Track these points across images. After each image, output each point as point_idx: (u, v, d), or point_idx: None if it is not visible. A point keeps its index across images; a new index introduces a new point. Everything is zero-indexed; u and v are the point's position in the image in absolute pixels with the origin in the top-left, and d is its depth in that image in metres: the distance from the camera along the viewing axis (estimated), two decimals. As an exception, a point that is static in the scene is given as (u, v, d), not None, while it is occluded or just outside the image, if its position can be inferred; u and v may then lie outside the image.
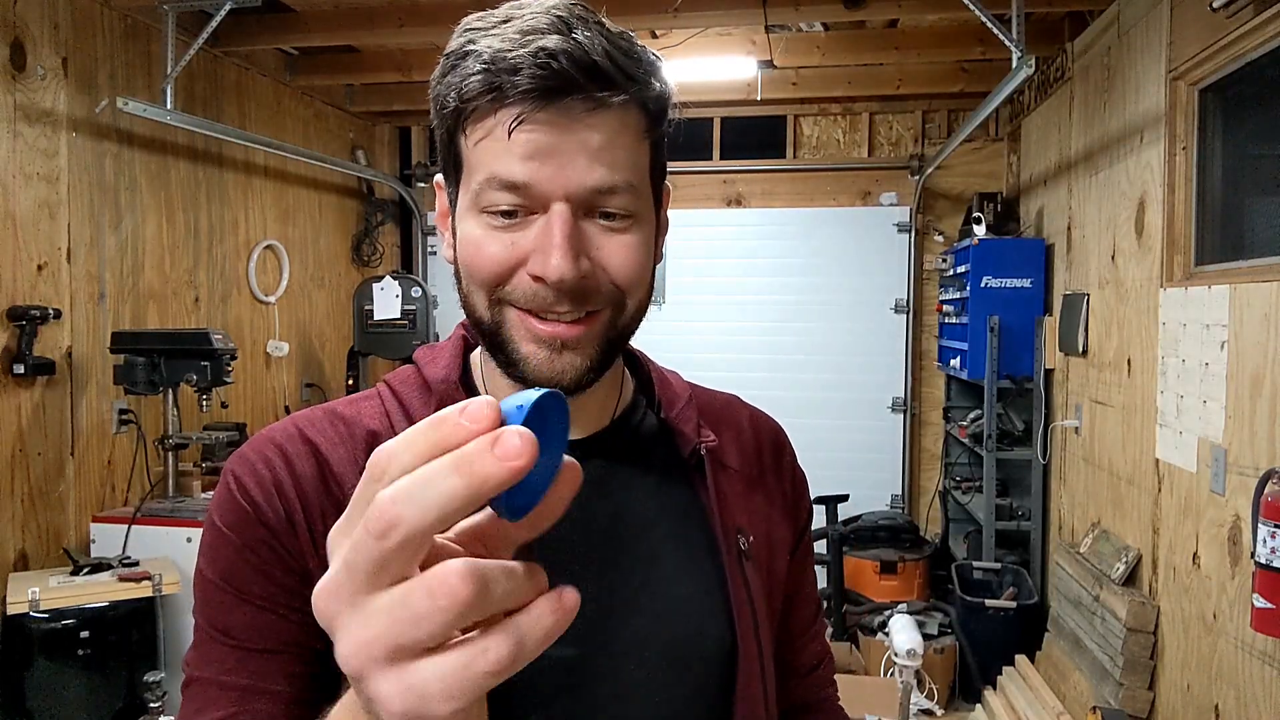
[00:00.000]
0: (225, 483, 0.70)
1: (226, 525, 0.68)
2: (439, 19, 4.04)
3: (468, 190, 0.67)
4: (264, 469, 0.69)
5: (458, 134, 0.67)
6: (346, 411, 0.75)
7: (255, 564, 0.67)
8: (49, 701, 2.90)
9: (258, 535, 0.67)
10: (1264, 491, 2.07)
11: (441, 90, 0.66)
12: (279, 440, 0.71)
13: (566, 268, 0.64)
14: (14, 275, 3.19)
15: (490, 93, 0.62)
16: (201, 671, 0.67)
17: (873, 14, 3.85)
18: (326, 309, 5.33)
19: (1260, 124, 2.67)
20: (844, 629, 4.45)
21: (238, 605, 0.66)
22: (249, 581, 0.66)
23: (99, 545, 3.38)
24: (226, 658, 0.66)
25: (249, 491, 0.68)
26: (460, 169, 0.68)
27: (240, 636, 0.66)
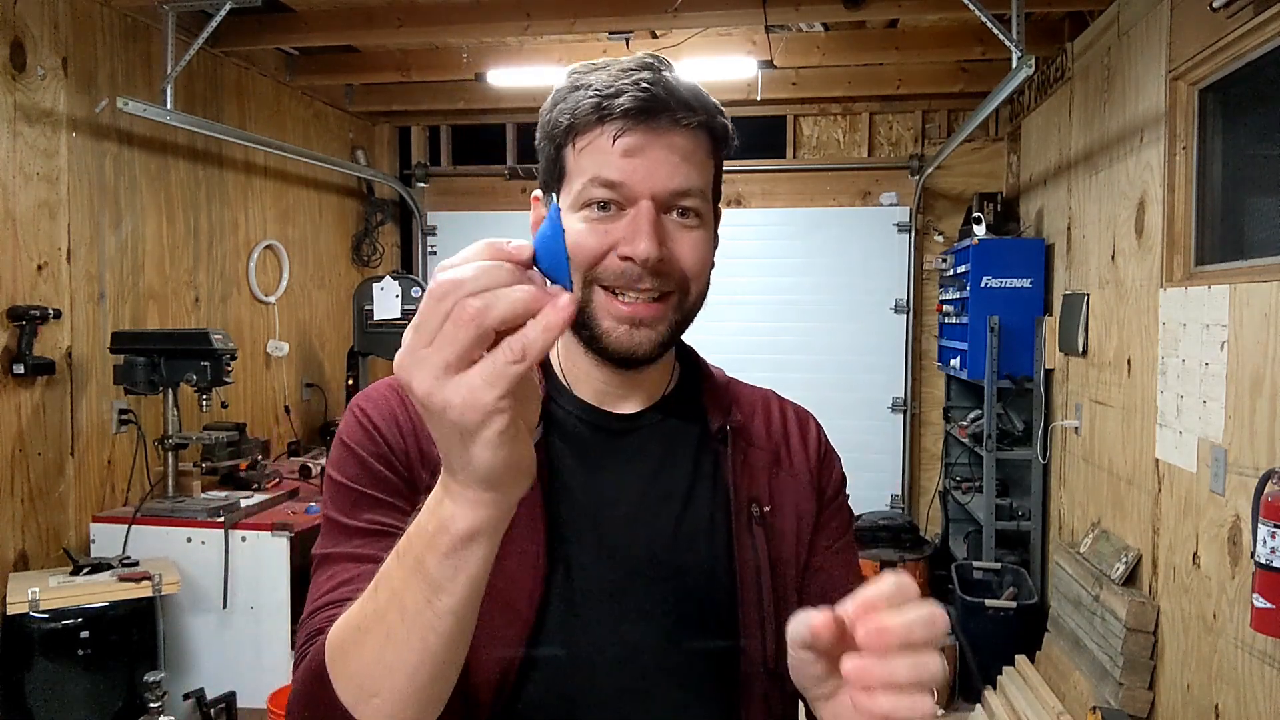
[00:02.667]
0: (353, 413, 0.87)
1: (355, 443, 0.85)
2: (439, 19, 4.04)
3: (569, 193, 0.83)
4: (384, 404, 0.87)
5: (565, 148, 0.83)
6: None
7: (375, 471, 0.83)
8: (49, 701, 2.90)
9: (379, 451, 0.84)
10: (1264, 491, 2.07)
11: (554, 116, 0.84)
12: (394, 384, 0.87)
13: (652, 249, 0.79)
14: (14, 275, 3.18)
15: (598, 112, 0.80)
16: (332, 549, 0.82)
17: (873, 14, 3.85)
18: (326, 309, 5.33)
19: (1260, 124, 2.67)
20: (844, 629, 4.45)
21: (362, 499, 0.83)
22: (371, 484, 0.83)
23: (99, 545, 3.38)
24: (353, 536, 0.81)
25: (373, 419, 0.86)
26: (563, 177, 0.84)
27: (364, 521, 0.82)
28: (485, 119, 5.81)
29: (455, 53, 4.72)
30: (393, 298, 4.90)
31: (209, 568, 3.36)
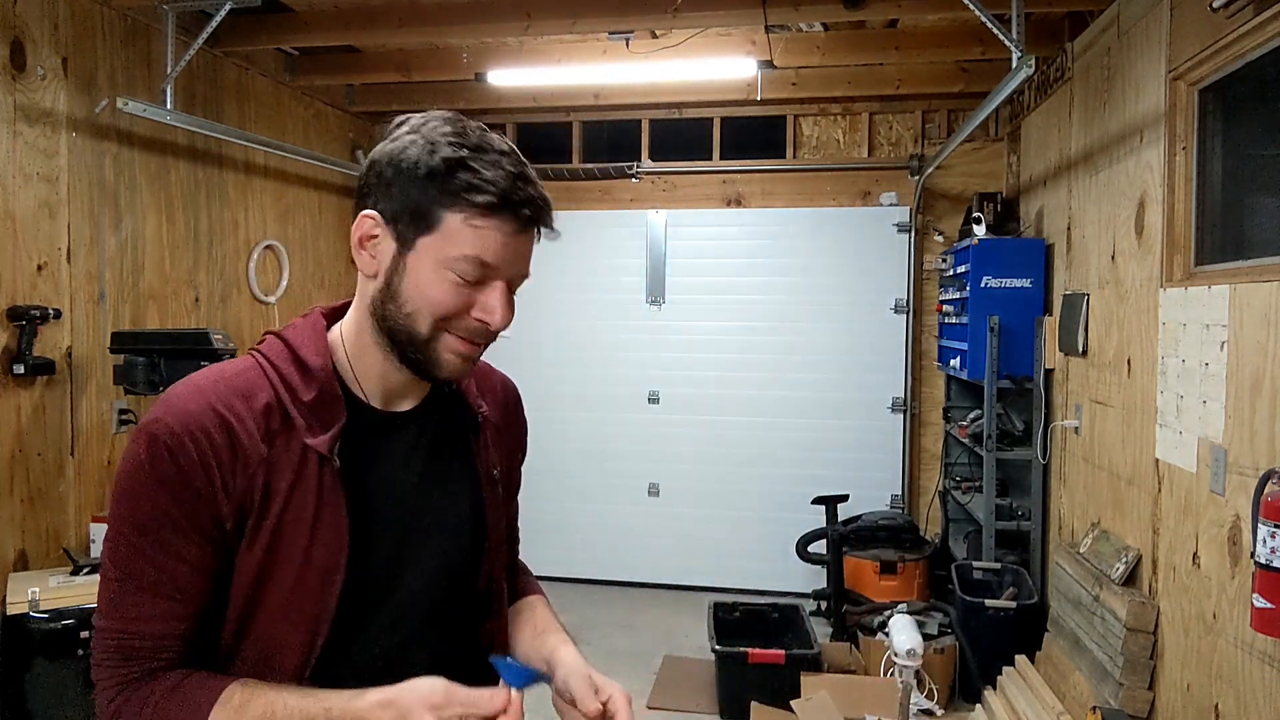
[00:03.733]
0: (153, 449, 0.94)
1: (157, 482, 0.95)
2: (439, 19, 4.04)
3: (438, 248, 0.98)
4: (189, 442, 0.95)
5: (448, 208, 0.97)
6: (241, 386, 1.00)
7: (178, 515, 0.95)
8: (49, 701, 2.90)
9: (184, 494, 0.95)
10: (1264, 491, 2.07)
11: (443, 172, 0.96)
12: (198, 417, 0.96)
13: (507, 320, 1.03)
14: (14, 275, 3.19)
15: (498, 210, 0.97)
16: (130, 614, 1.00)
17: (873, 14, 3.86)
18: (326, 309, 5.34)
19: (1260, 124, 2.66)
20: (844, 629, 4.45)
21: (157, 551, 0.97)
22: (172, 530, 0.96)
23: (99, 545, 3.38)
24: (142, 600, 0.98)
25: (178, 459, 0.95)
26: (431, 229, 0.98)
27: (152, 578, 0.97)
28: (485, 119, 5.73)
29: (455, 53, 4.72)
30: (393, 298, 4.91)
31: (209, 568, 3.36)
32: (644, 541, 5.64)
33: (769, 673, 3.72)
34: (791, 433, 5.47)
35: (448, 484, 1.13)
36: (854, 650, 4.03)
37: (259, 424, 0.98)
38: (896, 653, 3.71)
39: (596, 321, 5.59)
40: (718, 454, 5.57)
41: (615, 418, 5.68)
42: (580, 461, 5.70)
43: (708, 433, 5.57)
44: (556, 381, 5.56)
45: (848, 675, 3.82)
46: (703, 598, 5.00)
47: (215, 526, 0.97)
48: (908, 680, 3.68)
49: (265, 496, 0.97)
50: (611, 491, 5.69)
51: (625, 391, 5.65)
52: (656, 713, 3.93)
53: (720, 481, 5.56)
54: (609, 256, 5.62)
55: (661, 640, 4.78)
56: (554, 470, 5.69)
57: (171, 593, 0.97)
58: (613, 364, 5.64)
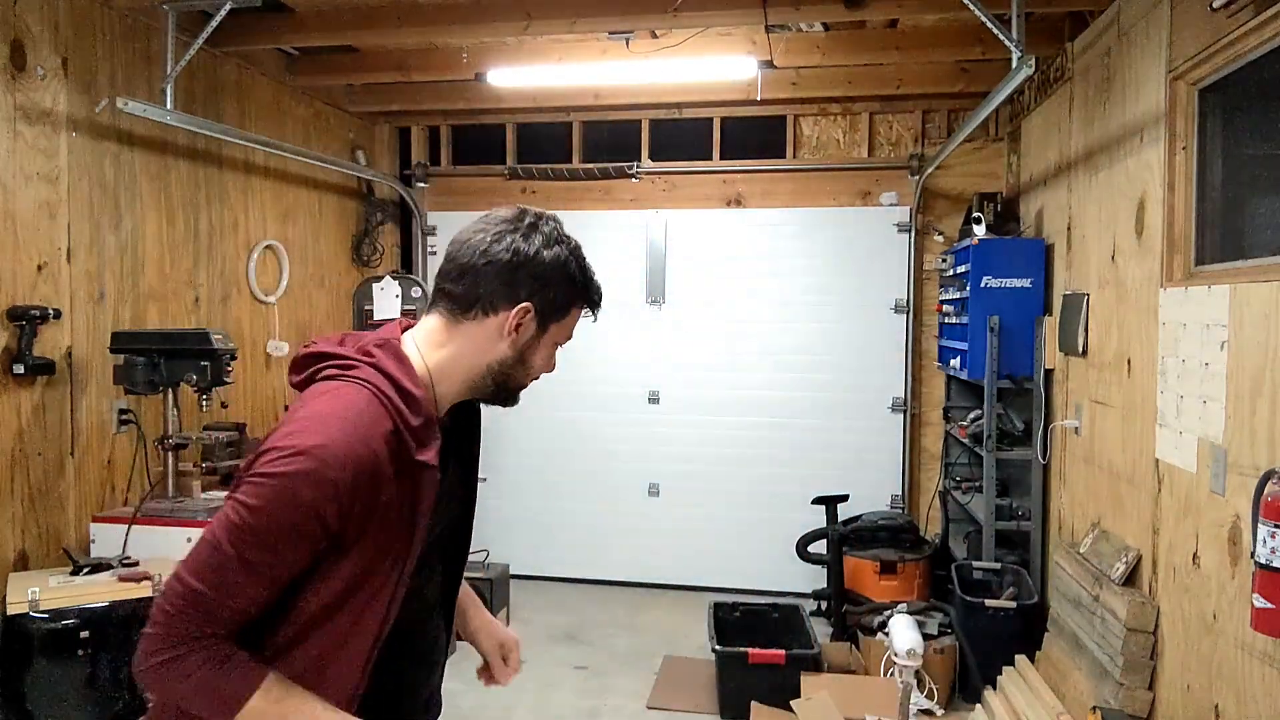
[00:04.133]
0: (312, 475, 1.12)
1: (304, 502, 1.13)
2: (439, 19, 4.04)
3: (558, 332, 1.37)
4: (343, 475, 1.14)
5: (577, 302, 1.37)
6: (374, 419, 1.19)
7: (309, 527, 1.14)
8: (49, 701, 2.90)
9: (321, 509, 1.14)
10: (1264, 491, 2.07)
11: (583, 287, 1.37)
12: (355, 454, 1.15)
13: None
14: (14, 275, 3.19)
15: (592, 306, 1.40)
16: (228, 596, 1.15)
17: (873, 14, 3.86)
18: (326, 309, 5.34)
19: (1260, 124, 2.66)
20: (844, 629, 4.45)
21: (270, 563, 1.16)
22: (295, 539, 1.15)
23: (99, 545, 3.38)
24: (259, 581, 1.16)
25: (327, 489, 1.13)
26: (563, 317, 1.36)
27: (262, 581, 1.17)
28: (485, 119, 5.81)
29: (455, 53, 4.72)
30: (392, 297, 4.91)
31: (209, 568, 3.36)
32: (644, 541, 5.64)
33: (769, 673, 3.72)
34: (791, 433, 5.47)
35: (461, 468, 1.45)
36: (854, 650, 4.03)
37: (391, 453, 1.19)
38: (896, 653, 3.71)
39: (596, 321, 5.58)
40: (718, 454, 5.57)
41: (615, 418, 5.68)
42: (580, 461, 5.70)
43: (708, 433, 5.57)
44: (556, 381, 5.55)
45: (848, 675, 3.82)
46: (703, 598, 5.01)
47: (327, 539, 1.17)
48: (908, 680, 3.68)
49: (381, 508, 1.19)
50: (611, 491, 5.69)
51: (625, 391, 5.65)
52: (657, 713, 3.93)
53: (720, 481, 5.56)
54: (609, 256, 5.61)
55: (662, 640, 4.78)
56: (554, 470, 5.70)
57: (269, 582, 1.15)
58: (613, 364, 5.64)
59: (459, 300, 1.31)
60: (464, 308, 1.31)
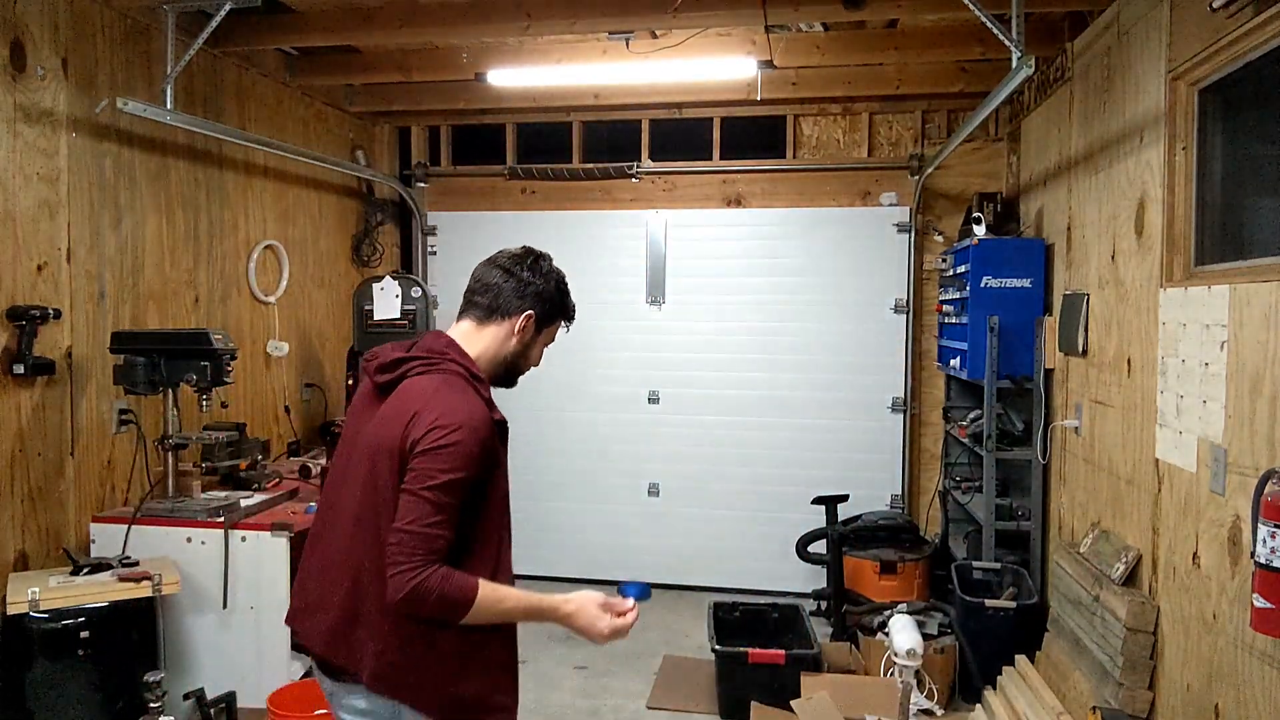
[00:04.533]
0: (483, 422, 1.71)
1: (483, 450, 1.70)
2: (439, 19, 4.04)
3: (547, 336, 1.97)
4: (484, 434, 1.71)
5: (559, 318, 1.97)
6: (477, 396, 1.76)
7: (478, 473, 1.70)
8: (49, 701, 2.90)
9: (486, 461, 1.71)
10: (1264, 491, 2.07)
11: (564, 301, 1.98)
12: (485, 419, 1.72)
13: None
14: (14, 275, 3.19)
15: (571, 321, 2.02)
16: (446, 527, 1.66)
17: (873, 14, 3.86)
18: (326, 309, 5.34)
19: (1260, 124, 2.66)
20: (844, 629, 4.45)
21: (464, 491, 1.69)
22: (472, 481, 1.69)
23: (99, 545, 3.39)
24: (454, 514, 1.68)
25: (489, 436, 1.71)
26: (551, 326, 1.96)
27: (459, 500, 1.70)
28: (485, 119, 5.81)
29: (455, 53, 4.72)
30: (393, 298, 4.90)
31: (209, 568, 3.36)
32: (644, 541, 5.64)
33: (769, 673, 3.72)
34: (791, 433, 5.47)
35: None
36: (854, 650, 4.03)
37: (491, 416, 1.76)
38: (896, 653, 3.71)
39: (596, 321, 5.57)
40: (718, 454, 5.57)
41: (615, 418, 5.68)
42: (580, 461, 5.70)
43: (708, 433, 5.57)
44: (557, 381, 5.55)
45: (848, 675, 3.82)
46: (703, 598, 5.01)
47: (477, 480, 1.71)
48: (908, 680, 3.68)
49: (495, 452, 1.76)
50: (611, 491, 5.69)
51: (625, 391, 5.65)
52: (657, 713, 3.93)
53: (720, 481, 5.56)
54: (609, 256, 5.62)
55: (661, 640, 4.78)
56: (554, 470, 5.70)
57: (456, 518, 1.68)
58: (613, 364, 5.63)
59: (485, 310, 1.91)
60: (488, 315, 1.91)
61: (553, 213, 5.74)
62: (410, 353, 1.82)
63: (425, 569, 1.61)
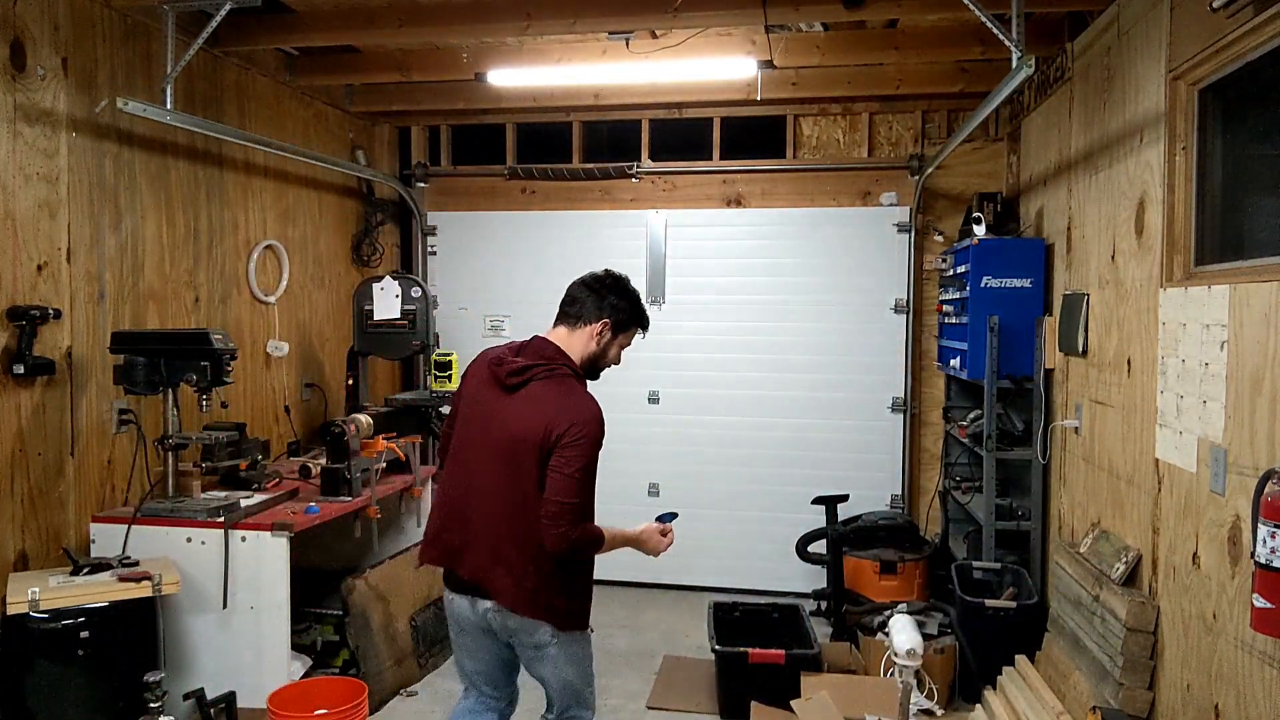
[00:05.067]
0: (600, 420, 2.38)
1: (597, 445, 2.39)
2: (439, 19, 4.04)
3: (622, 340, 2.59)
4: (601, 421, 2.40)
5: (634, 326, 2.59)
6: (591, 396, 2.45)
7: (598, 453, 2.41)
8: (49, 701, 2.90)
9: (601, 441, 2.39)
10: (1264, 491, 2.07)
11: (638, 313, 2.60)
12: (599, 411, 2.39)
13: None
14: (14, 275, 3.19)
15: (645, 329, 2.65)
16: (590, 500, 2.39)
17: (873, 14, 3.85)
18: (326, 309, 5.34)
19: (1260, 124, 2.66)
20: (844, 629, 4.45)
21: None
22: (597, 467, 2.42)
23: (99, 545, 3.39)
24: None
25: (602, 427, 2.39)
26: (626, 332, 2.57)
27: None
28: (485, 119, 5.81)
29: (455, 53, 4.72)
30: (393, 298, 4.90)
31: (209, 568, 3.36)
32: (644, 541, 5.63)
33: (769, 673, 3.72)
34: (792, 433, 5.47)
35: None
36: (854, 650, 4.03)
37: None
38: (896, 653, 3.71)
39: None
40: (718, 454, 5.57)
41: (615, 418, 5.57)
42: (580, 461, 5.69)
43: (708, 433, 5.57)
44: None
45: (848, 675, 3.82)
46: (703, 598, 5.01)
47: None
48: (908, 680, 3.68)
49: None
50: (611, 491, 5.63)
51: (625, 391, 5.65)
52: (657, 713, 3.93)
53: (720, 481, 5.56)
54: (609, 256, 5.60)
55: (661, 640, 4.78)
56: (554, 470, 5.69)
57: (592, 490, 2.38)
58: (613, 364, 5.62)
59: (573, 319, 2.51)
60: (575, 323, 2.51)
61: (553, 213, 5.74)
62: (532, 360, 2.42)
63: (577, 528, 2.31)
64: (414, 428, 4.72)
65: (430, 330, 4.98)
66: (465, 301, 5.84)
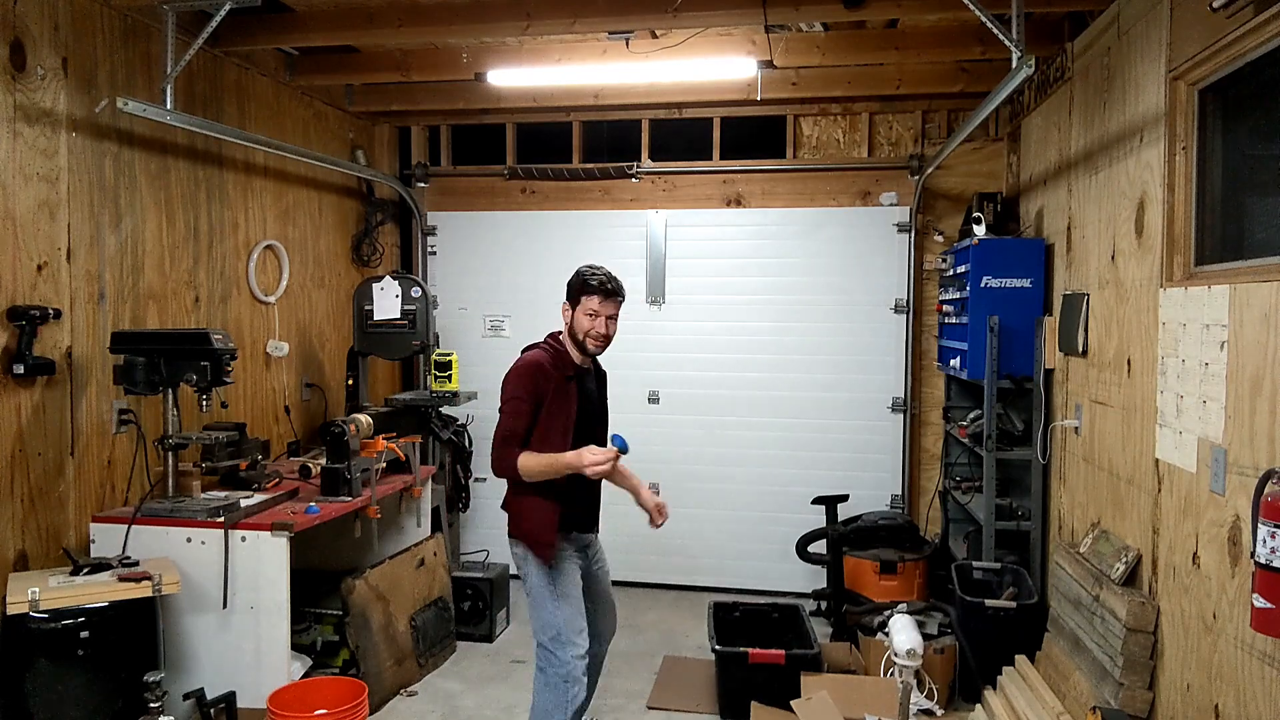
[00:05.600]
0: (526, 369, 3.02)
1: (529, 380, 3.01)
2: (439, 19, 4.04)
3: (582, 309, 3.08)
4: (536, 369, 3.02)
5: (581, 294, 3.07)
6: (548, 357, 3.07)
7: (530, 395, 3.00)
8: (49, 702, 2.90)
9: (534, 391, 3.01)
10: (1264, 491, 2.07)
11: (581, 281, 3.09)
12: (540, 362, 3.03)
13: (604, 331, 3.10)
14: (14, 275, 3.19)
15: (596, 289, 3.06)
16: (511, 429, 3.00)
17: (873, 14, 3.86)
18: (326, 309, 5.34)
19: (1260, 124, 2.66)
20: (844, 629, 4.45)
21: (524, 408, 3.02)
22: (529, 400, 3.00)
23: (99, 545, 3.39)
24: (520, 419, 3.01)
25: (534, 375, 3.01)
26: (578, 301, 3.08)
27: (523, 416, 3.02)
28: (485, 119, 5.81)
29: (455, 53, 4.72)
30: (393, 298, 4.90)
31: (209, 568, 3.36)
32: (644, 541, 5.62)
33: (769, 673, 3.72)
34: (792, 433, 5.47)
35: (597, 397, 3.24)
36: (854, 650, 4.03)
37: (552, 369, 3.01)
38: (896, 653, 3.71)
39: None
40: (717, 454, 5.57)
41: (616, 418, 5.61)
42: (580, 461, 5.69)
43: (707, 433, 5.57)
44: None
45: (848, 675, 3.82)
46: (703, 598, 5.01)
47: (535, 404, 2.97)
48: (908, 680, 3.68)
49: (548, 394, 2.99)
50: (613, 491, 5.67)
51: (625, 391, 5.63)
52: (657, 713, 3.93)
53: (720, 481, 5.56)
54: (609, 256, 5.59)
55: (661, 640, 4.78)
56: (554, 470, 5.69)
57: (528, 423, 2.97)
58: (613, 364, 5.59)
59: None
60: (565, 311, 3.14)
61: (553, 213, 5.74)
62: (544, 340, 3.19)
63: (500, 454, 2.97)
64: (414, 428, 4.72)
65: (430, 330, 4.98)
66: (465, 301, 5.84)
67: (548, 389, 2.96)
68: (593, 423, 3.17)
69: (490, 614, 4.72)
